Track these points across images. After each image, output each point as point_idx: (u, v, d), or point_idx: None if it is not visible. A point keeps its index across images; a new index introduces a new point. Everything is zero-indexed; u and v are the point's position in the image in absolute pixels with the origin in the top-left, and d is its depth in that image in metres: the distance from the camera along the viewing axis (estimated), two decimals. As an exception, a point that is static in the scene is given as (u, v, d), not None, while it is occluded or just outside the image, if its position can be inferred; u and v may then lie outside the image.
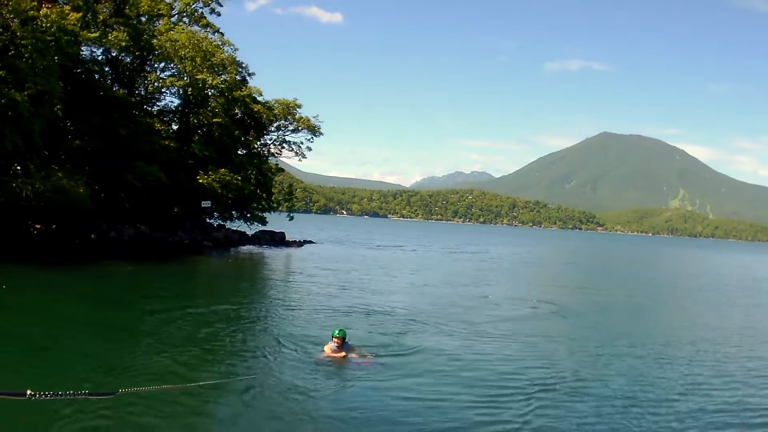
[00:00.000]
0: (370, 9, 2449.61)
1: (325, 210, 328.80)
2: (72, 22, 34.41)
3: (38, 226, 36.15)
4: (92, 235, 36.09)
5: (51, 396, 4.50)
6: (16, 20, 32.31)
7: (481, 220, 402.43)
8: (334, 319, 17.36)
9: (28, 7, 32.18)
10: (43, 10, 33.21)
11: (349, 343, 13.12)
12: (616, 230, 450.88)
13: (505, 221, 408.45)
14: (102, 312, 17.92)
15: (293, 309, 20.19)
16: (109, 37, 37.51)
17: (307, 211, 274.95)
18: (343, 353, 12.71)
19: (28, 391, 4.22)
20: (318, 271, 33.12)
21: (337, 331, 12.87)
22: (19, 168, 32.46)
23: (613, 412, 10.58)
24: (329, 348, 12.82)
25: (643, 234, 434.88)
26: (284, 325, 17.07)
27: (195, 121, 41.42)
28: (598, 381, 12.54)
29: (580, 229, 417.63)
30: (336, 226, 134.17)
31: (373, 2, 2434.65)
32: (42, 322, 15.81)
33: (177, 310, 18.17)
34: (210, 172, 40.34)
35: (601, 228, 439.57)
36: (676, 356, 15.59)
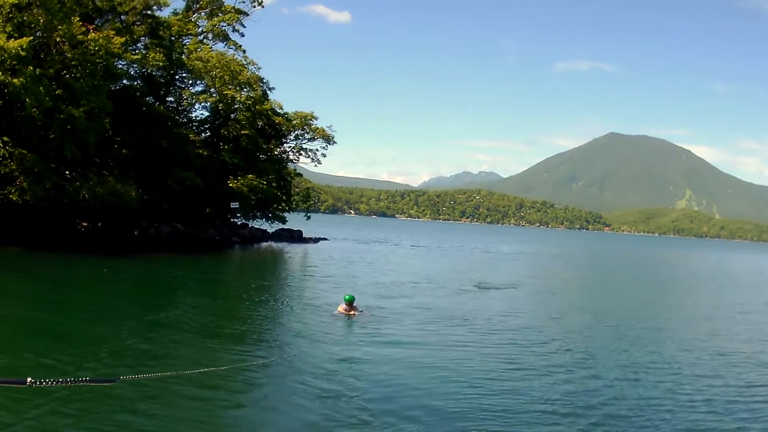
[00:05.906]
0: (378, 8, 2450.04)
1: (333, 210, 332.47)
2: (117, 46, 38.81)
3: (85, 224, 40.79)
4: (135, 232, 40.86)
5: (52, 383, 4.41)
6: (67, 44, 36.70)
7: (489, 220, 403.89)
8: (346, 289, 22.03)
9: (78, 33, 36.54)
10: (91, 35, 37.30)
11: (355, 304, 17.84)
12: (623, 230, 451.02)
13: (512, 221, 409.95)
14: (145, 297, 20.53)
15: (312, 284, 25.95)
16: (148, 58, 42.36)
17: (316, 210, 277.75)
18: (351, 311, 17.42)
19: (29, 379, 4.10)
20: (332, 261, 38.75)
21: (347, 296, 17.78)
22: (69, 174, 36.80)
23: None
24: (341, 308, 17.61)
25: (650, 234, 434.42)
26: (306, 293, 22.77)
27: (224, 132, 46.56)
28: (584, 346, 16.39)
29: (587, 229, 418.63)
30: (345, 225, 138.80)
31: (381, 1, 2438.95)
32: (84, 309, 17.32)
33: (212, 292, 22.76)
34: (239, 178, 45.35)
35: (607, 228, 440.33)
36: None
